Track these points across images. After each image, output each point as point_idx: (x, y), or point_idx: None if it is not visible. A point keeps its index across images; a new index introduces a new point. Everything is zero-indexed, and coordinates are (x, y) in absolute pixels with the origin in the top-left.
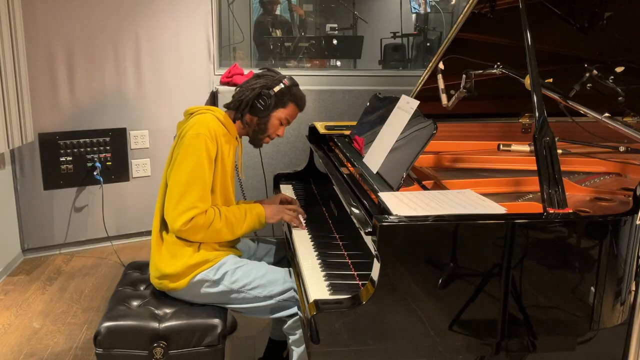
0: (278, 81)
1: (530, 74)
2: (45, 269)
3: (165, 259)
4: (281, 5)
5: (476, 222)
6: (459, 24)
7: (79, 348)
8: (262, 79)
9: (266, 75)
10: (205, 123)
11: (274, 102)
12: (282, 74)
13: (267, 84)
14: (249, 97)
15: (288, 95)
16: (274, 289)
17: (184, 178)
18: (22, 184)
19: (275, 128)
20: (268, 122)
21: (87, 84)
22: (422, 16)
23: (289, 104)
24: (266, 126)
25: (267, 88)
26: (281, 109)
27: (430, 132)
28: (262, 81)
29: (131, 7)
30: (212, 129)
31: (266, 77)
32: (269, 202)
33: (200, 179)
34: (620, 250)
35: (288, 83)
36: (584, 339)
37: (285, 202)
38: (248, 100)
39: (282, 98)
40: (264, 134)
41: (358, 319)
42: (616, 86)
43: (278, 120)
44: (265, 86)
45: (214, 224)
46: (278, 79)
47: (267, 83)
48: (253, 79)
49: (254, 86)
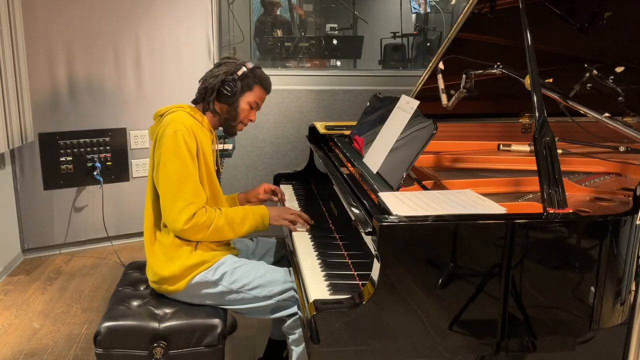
0: (240, 65)
1: (530, 74)
2: (45, 269)
3: (161, 261)
4: (282, 7)
5: (476, 222)
6: (459, 24)
7: (79, 348)
8: (224, 66)
9: (227, 62)
10: (180, 120)
11: (240, 86)
12: (243, 59)
13: (230, 70)
14: (213, 84)
15: (252, 78)
16: (274, 288)
17: (173, 178)
18: (22, 184)
19: (247, 113)
20: (238, 107)
21: (87, 84)
22: (422, 16)
23: (255, 86)
24: (237, 112)
25: (230, 74)
26: (248, 92)
27: (430, 132)
28: (224, 68)
29: (131, 7)
30: (188, 124)
31: (228, 64)
32: (253, 194)
33: (189, 175)
34: (620, 250)
35: (250, 66)
36: (584, 339)
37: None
38: (213, 88)
39: (247, 81)
40: (236, 121)
41: (358, 319)
42: (616, 86)
43: (247, 105)
44: (228, 72)
45: (215, 222)
46: (240, 64)
47: (230, 69)
48: (215, 67)
49: (217, 74)
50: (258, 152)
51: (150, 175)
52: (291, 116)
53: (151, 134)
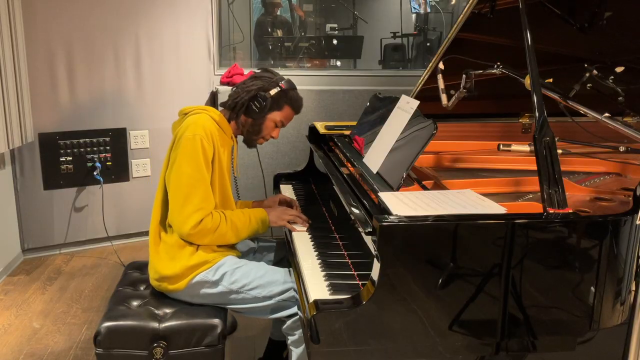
0: (275, 84)
1: (530, 74)
2: (45, 269)
3: (163, 261)
4: (282, 7)
5: (476, 222)
6: (459, 24)
7: (79, 348)
8: (259, 81)
9: (264, 77)
10: (201, 123)
11: (270, 104)
12: (280, 75)
13: (264, 86)
14: (244, 98)
15: (284, 99)
16: (274, 289)
17: (185, 181)
18: (22, 184)
19: (270, 130)
20: (263, 124)
21: (87, 84)
22: (422, 16)
23: (285, 106)
24: (260, 128)
25: (264, 90)
26: (277, 111)
27: (430, 132)
28: (259, 83)
29: (131, 7)
30: (208, 129)
31: (263, 79)
32: (268, 204)
33: (202, 180)
34: (620, 250)
35: (285, 86)
36: (584, 339)
37: (284, 203)
38: (243, 102)
39: (279, 101)
40: (258, 135)
41: (358, 319)
42: (616, 86)
43: (273, 123)
44: (261, 88)
45: (220, 228)
46: (275, 82)
47: (264, 85)
48: (250, 80)
49: (250, 88)
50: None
51: (164, 174)
52: None
53: (173, 130)
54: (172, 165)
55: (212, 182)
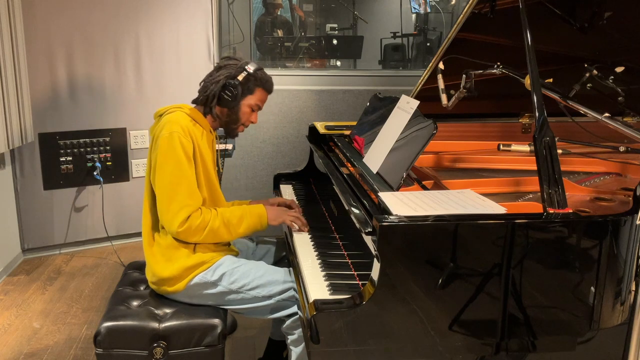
0: (241, 69)
1: (530, 74)
2: (45, 269)
3: (160, 263)
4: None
5: (476, 222)
6: (459, 24)
7: (79, 348)
8: (225, 70)
9: (229, 65)
10: (176, 121)
11: (241, 90)
12: (244, 59)
13: (231, 74)
14: (214, 90)
15: (254, 81)
16: (273, 289)
17: (167, 179)
18: (22, 184)
19: (247, 115)
20: (239, 112)
21: (87, 84)
22: (422, 16)
23: (256, 89)
24: (237, 116)
25: (232, 78)
26: (249, 95)
27: (430, 132)
28: (225, 72)
29: (131, 7)
30: (185, 125)
31: (229, 67)
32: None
33: (184, 177)
34: (620, 250)
35: (252, 69)
36: (584, 339)
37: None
38: (214, 94)
39: (249, 85)
40: (237, 124)
41: (358, 319)
42: (616, 86)
43: (249, 108)
44: (229, 76)
45: (210, 224)
46: (241, 67)
47: (231, 72)
48: (215, 70)
49: (218, 78)
50: (258, 152)
51: (148, 177)
52: (291, 116)
53: (151, 133)
54: (155, 167)
55: (197, 177)
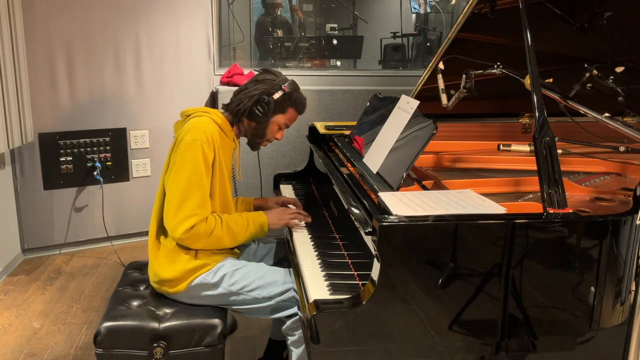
0: (278, 87)
1: (530, 74)
2: (45, 269)
3: (163, 264)
4: (282, 7)
5: (476, 222)
6: (459, 24)
7: (79, 348)
8: (262, 85)
9: (266, 80)
10: (202, 128)
11: (273, 108)
12: (283, 76)
13: (267, 90)
14: (247, 104)
15: (288, 101)
16: (273, 289)
17: (181, 185)
18: (22, 184)
19: (274, 133)
20: (267, 128)
21: (87, 84)
22: (422, 16)
23: (289, 109)
24: (264, 131)
25: (267, 94)
26: (280, 114)
27: (430, 132)
28: (262, 87)
29: (131, 7)
30: (209, 133)
31: (266, 82)
32: (271, 205)
33: (199, 185)
34: (620, 250)
35: (289, 89)
36: (584, 339)
37: (287, 204)
38: (246, 108)
39: (282, 104)
40: (262, 139)
41: (358, 319)
42: (616, 86)
43: (277, 126)
44: (264, 92)
45: (215, 232)
46: (278, 84)
47: (267, 89)
48: (252, 84)
49: (253, 93)
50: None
51: (164, 176)
52: None
53: (175, 130)
54: (172, 169)
55: (212, 186)
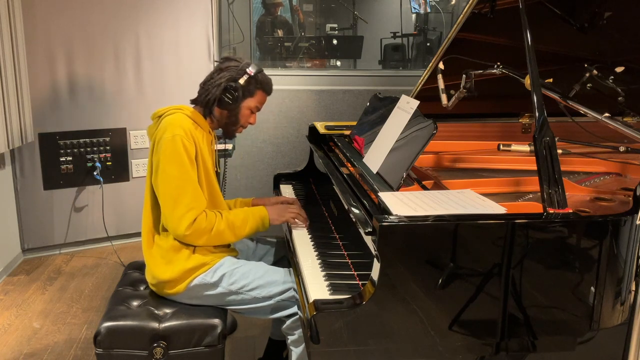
0: (242, 71)
1: (530, 74)
2: (45, 269)
3: (160, 265)
4: (283, 7)
5: (476, 222)
6: (459, 24)
7: (79, 348)
8: (227, 72)
9: (230, 67)
10: (178, 123)
11: (242, 93)
12: (245, 61)
13: (232, 77)
14: (215, 93)
15: (255, 84)
16: (273, 289)
17: (173, 183)
18: (22, 184)
19: (247, 117)
20: (239, 114)
21: (87, 84)
22: (422, 16)
23: (257, 91)
24: (237, 118)
25: (233, 80)
26: (249, 98)
27: (430, 132)
28: (227, 74)
29: (131, 7)
30: (186, 127)
31: (230, 70)
32: (270, 203)
33: (189, 180)
34: (620, 250)
35: (253, 72)
36: (584, 339)
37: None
38: (215, 97)
39: (249, 87)
40: (236, 125)
41: (358, 319)
42: (616, 86)
43: (248, 110)
44: (230, 79)
45: (216, 227)
46: (242, 69)
47: (232, 75)
48: (216, 73)
49: (219, 81)
50: (258, 152)
51: (149, 179)
52: (291, 116)
53: (149, 135)
54: (157, 170)
55: (199, 179)
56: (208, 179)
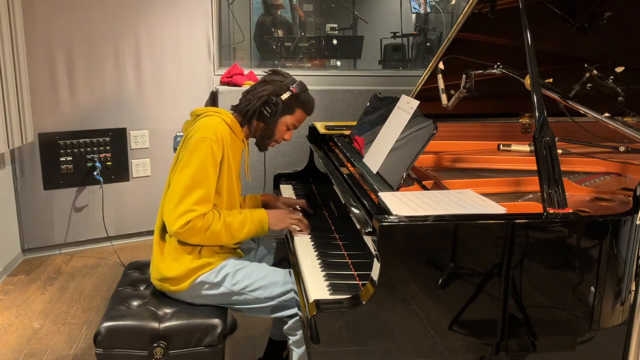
0: (286, 87)
1: (530, 74)
2: (45, 269)
3: (167, 262)
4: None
5: (476, 222)
6: (459, 24)
7: (79, 348)
8: (270, 85)
9: (275, 81)
10: (212, 126)
11: (281, 109)
12: (291, 77)
13: (275, 91)
14: (255, 105)
15: (296, 102)
16: (275, 290)
17: (185, 181)
18: (22, 184)
19: (282, 133)
20: (275, 128)
21: (87, 84)
22: (422, 16)
23: (297, 109)
24: (273, 132)
25: (275, 95)
26: (288, 115)
27: (430, 132)
28: (270, 88)
29: (131, 7)
30: (219, 132)
31: (274, 83)
32: (278, 204)
33: (203, 182)
34: (620, 251)
35: (297, 90)
36: (584, 339)
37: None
38: (255, 109)
39: (290, 105)
40: (271, 139)
41: (358, 319)
42: (616, 86)
43: (285, 126)
44: (272, 93)
45: (212, 227)
46: (286, 85)
47: (275, 90)
48: (261, 84)
49: (262, 93)
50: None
51: (170, 173)
52: None
53: (184, 130)
54: (178, 165)
55: (220, 184)
56: (230, 185)
